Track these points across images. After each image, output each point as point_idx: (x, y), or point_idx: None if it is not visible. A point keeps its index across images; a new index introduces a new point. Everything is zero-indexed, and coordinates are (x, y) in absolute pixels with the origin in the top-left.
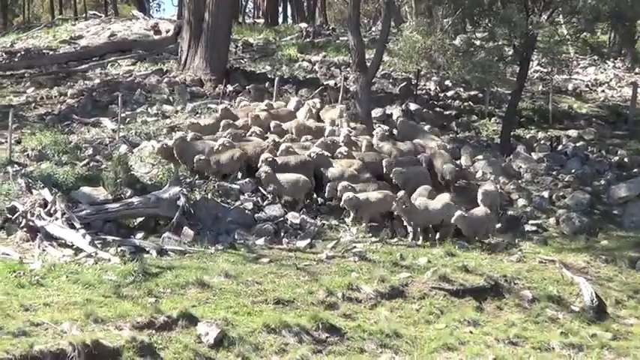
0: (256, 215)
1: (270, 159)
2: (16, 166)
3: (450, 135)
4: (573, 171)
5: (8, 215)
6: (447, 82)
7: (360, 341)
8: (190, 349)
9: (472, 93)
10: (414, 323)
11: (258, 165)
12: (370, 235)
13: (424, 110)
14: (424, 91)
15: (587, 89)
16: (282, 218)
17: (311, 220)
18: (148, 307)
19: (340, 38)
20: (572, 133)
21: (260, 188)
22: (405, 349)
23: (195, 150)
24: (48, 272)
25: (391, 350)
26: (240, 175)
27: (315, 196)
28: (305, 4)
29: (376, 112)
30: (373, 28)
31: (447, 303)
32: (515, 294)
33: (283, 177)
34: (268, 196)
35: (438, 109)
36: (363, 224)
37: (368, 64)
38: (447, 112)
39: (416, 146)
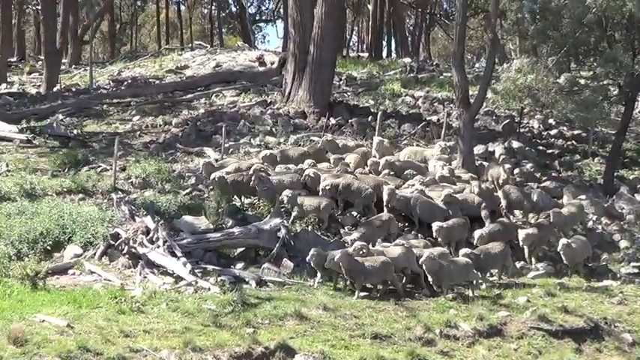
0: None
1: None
2: (120, 193)
3: (553, 174)
4: None
5: (111, 242)
6: (551, 121)
7: None
8: None
9: (576, 132)
10: None
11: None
12: None
13: (527, 148)
14: (527, 129)
15: None
16: None
17: None
18: (246, 338)
19: (444, 74)
20: None
21: (359, 221)
22: None
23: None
24: (148, 299)
25: None
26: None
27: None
28: (409, 39)
29: (478, 149)
30: (477, 65)
31: (546, 343)
32: (616, 337)
33: (306, 200)
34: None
35: (540, 147)
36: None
37: (471, 100)
38: (550, 151)
39: None
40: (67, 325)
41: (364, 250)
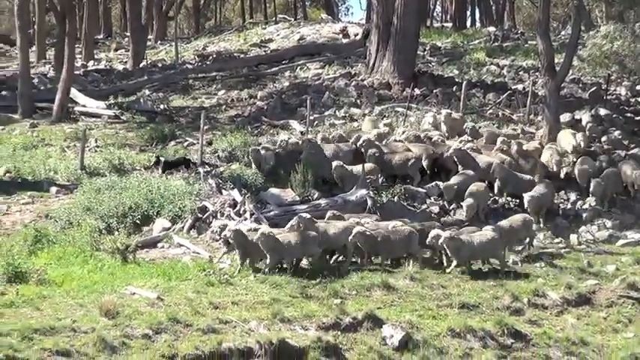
0: (442, 219)
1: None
2: (207, 166)
3: None
4: None
5: (199, 215)
6: (638, 87)
7: (546, 348)
8: (375, 351)
9: None
10: (601, 331)
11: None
12: (558, 240)
13: (614, 116)
14: (614, 96)
15: None
16: (467, 223)
17: None
18: (333, 308)
19: (529, 42)
20: None
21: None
22: (591, 358)
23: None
24: (236, 271)
25: (577, 358)
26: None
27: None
28: (493, 7)
29: (565, 118)
30: (563, 32)
31: (636, 312)
32: None
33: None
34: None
35: (628, 114)
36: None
37: (557, 68)
38: (638, 118)
39: None
40: (157, 298)
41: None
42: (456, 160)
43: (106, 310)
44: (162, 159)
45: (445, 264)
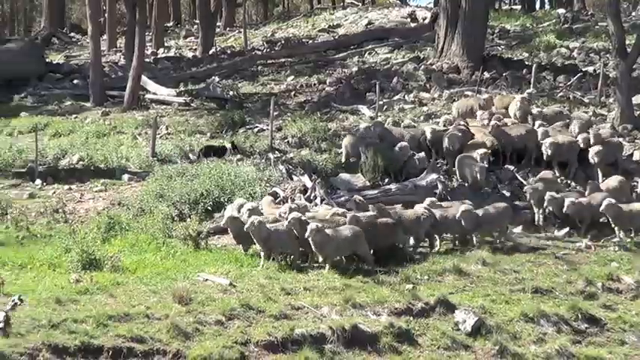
0: (514, 203)
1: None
2: (277, 152)
3: None
4: None
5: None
6: None
7: (621, 333)
8: (448, 337)
9: None
10: None
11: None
12: None
13: None
14: None
15: None
16: None
17: None
18: (405, 294)
19: (599, 24)
20: None
21: (517, 175)
22: None
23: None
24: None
25: None
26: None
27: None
28: None
29: (637, 99)
30: (633, 13)
31: None
32: None
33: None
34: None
35: None
36: None
37: (628, 49)
38: None
39: None
40: (229, 284)
41: None
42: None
43: (179, 296)
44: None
45: None
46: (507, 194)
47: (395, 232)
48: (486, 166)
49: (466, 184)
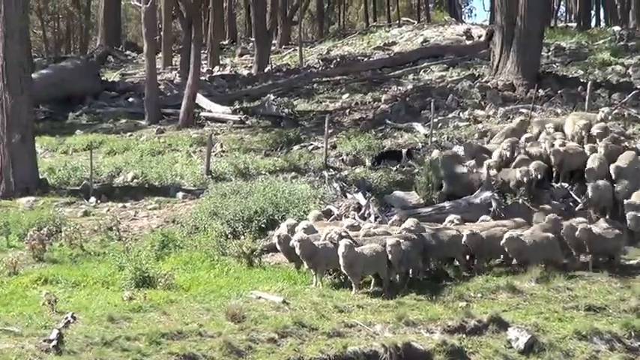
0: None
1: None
2: (331, 170)
3: None
4: None
5: (325, 219)
6: None
7: None
8: (500, 354)
9: None
10: None
11: None
12: None
13: None
14: None
15: None
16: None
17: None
18: (458, 311)
19: None
20: None
21: (571, 193)
22: None
23: None
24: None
25: None
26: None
27: None
28: (618, 6)
29: None
30: None
31: None
32: None
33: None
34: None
35: None
36: None
37: None
38: None
39: None
40: (282, 302)
41: None
42: None
43: (232, 314)
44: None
45: None
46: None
47: None
48: None
49: None
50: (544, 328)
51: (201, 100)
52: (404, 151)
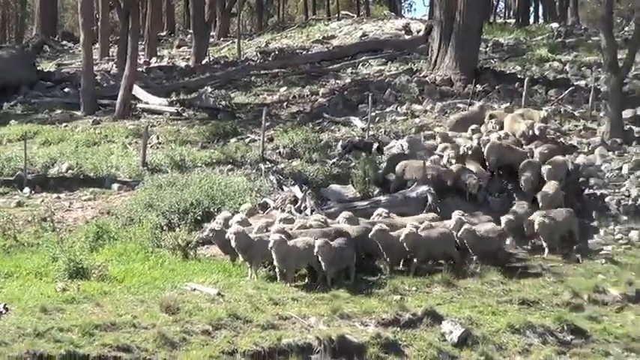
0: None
1: None
2: (268, 163)
3: None
4: None
5: (260, 211)
6: None
7: (606, 344)
8: (434, 347)
9: None
10: None
11: None
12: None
13: None
14: None
15: None
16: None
17: None
18: (393, 305)
19: (592, 38)
20: None
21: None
22: None
23: None
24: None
25: (637, 355)
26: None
27: None
28: (557, 3)
29: (627, 113)
30: (626, 28)
31: None
32: None
33: None
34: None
35: None
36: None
37: (620, 64)
38: None
39: None
40: (217, 294)
41: None
42: None
43: (167, 306)
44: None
45: None
46: (496, 207)
47: None
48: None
49: None
50: (478, 322)
51: (137, 91)
52: (375, 145)
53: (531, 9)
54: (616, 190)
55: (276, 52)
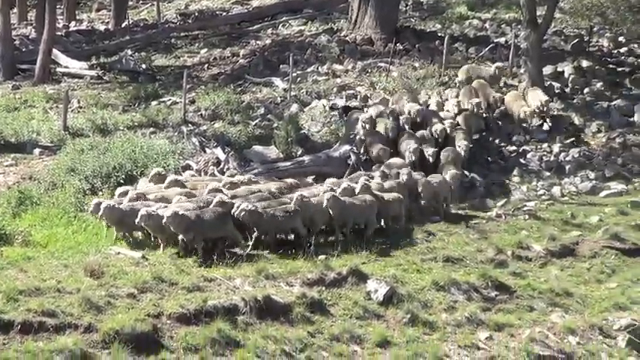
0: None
1: None
2: (190, 125)
3: (624, 92)
4: None
5: (182, 173)
6: (621, 39)
7: (530, 299)
8: (360, 306)
9: None
10: (584, 282)
11: None
12: (542, 192)
13: (597, 67)
14: (597, 48)
15: None
16: None
17: (480, 179)
18: (318, 264)
19: None
20: None
21: None
22: (575, 308)
23: None
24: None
25: (561, 309)
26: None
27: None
28: None
29: (547, 70)
30: None
31: (619, 262)
32: None
33: None
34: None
35: (611, 66)
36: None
37: (539, 20)
38: (621, 69)
39: None
40: (141, 257)
41: None
42: None
43: (91, 270)
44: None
45: None
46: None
47: None
48: None
49: None
50: (403, 280)
51: (57, 55)
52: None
53: None
54: (538, 146)
55: (196, 14)
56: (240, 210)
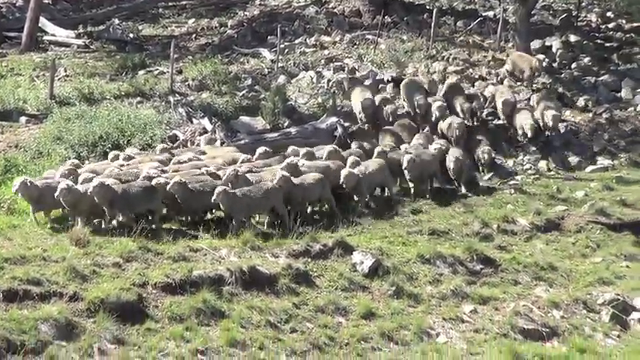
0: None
1: None
2: (177, 95)
3: (611, 67)
4: None
5: (169, 143)
6: (609, 14)
7: (515, 273)
8: (345, 278)
9: (635, 25)
10: (569, 256)
11: None
12: (528, 167)
13: (584, 42)
14: (585, 23)
15: None
16: None
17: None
18: (304, 236)
19: None
20: None
21: None
22: (559, 282)
23: None
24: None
25: (546, 283)
26: None
27: None
28: None
29: (535, 44)
30: None
31: (604, 237)
32: None
33: None
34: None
35: (598, 41)
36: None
37: None
38: (609, 44)
39: None
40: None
41: None
42: None
43: (77, 239)
44: None
45: None
46: None
47: None
48: None
49: None
50: (388, 252)
51: (44, 23)
52: None
53: None
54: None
55: None
56: (173, 183)
